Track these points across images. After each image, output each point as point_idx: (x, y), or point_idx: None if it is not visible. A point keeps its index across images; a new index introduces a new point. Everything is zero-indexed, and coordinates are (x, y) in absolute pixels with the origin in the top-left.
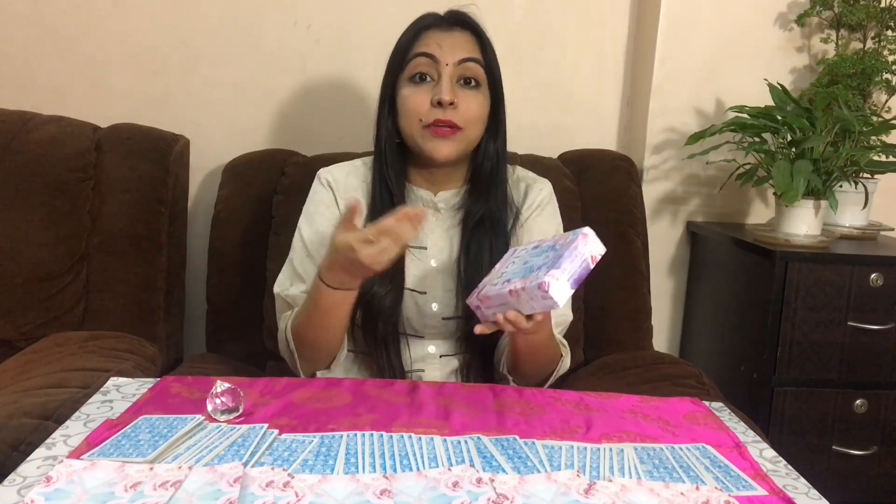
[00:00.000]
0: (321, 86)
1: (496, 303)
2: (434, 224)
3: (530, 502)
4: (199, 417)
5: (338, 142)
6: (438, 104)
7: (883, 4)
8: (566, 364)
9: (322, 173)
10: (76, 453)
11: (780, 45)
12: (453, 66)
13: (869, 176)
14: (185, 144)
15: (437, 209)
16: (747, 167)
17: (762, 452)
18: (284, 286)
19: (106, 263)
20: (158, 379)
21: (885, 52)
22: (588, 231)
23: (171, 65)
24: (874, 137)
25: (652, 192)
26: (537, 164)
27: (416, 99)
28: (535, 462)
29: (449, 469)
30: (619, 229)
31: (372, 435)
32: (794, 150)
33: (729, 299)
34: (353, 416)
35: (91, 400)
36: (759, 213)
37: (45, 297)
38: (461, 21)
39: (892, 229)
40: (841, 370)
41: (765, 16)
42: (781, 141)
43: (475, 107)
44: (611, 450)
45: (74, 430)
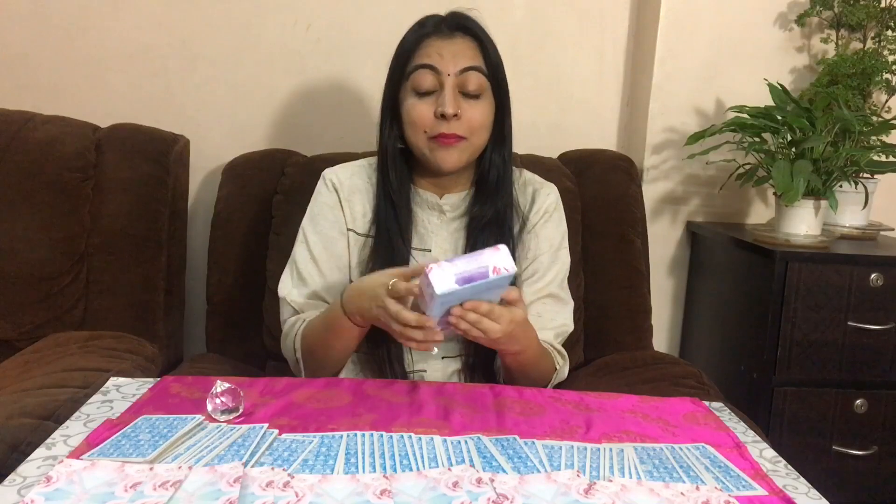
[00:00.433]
0: (321, 86)
1: (427, 299)
2: (439, 226)
3: (530, 502)
4: (199, 417)
5: (338, 142)
6: (442, 117)
7: (883, 4)
8: (563, 374)
9: (327, 174)
10: (76, 453)
11: (780, 45)
12: (455, 76)
13: (869, 176)
14: (185, 144)
15: (443, 212)
16: (747, 167)
17: (762, 452)
18: (289, 290)
19: (106, 263)
20: (158, 379)
21: (885, 52)
22: (502, 247)
23: (171, 65)
24: (874, 137)
25: (652, 192)
26: (537, 164)
27: (419, 110)
28: (535, 462)
29: (449, 469)
30: (619, 229)
31: (372, 435)
32: (794, 150)
33: (729, 299)
34: (353, 416)
35: (91, 400)
36: (759, 213)
37: (45, 297)
38: (462, 26)
39: (892, 229)
40: (841, 370)
41: (765, 16)
42: (781, 141)
43: (478, 115)
44: (611, 450)
45: (74, 430)
